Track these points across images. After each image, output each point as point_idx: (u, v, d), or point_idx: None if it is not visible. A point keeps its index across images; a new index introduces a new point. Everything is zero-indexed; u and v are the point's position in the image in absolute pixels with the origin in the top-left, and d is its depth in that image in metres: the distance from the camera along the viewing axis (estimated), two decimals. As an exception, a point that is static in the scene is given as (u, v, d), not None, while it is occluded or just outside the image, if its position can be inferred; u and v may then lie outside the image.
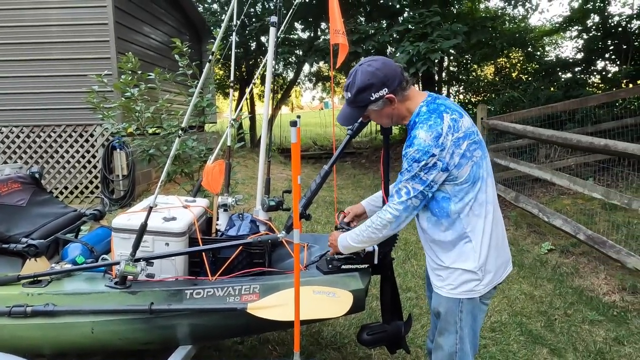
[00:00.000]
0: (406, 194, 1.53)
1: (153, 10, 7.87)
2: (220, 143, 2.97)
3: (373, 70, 1.53)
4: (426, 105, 1.56)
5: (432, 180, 1.50)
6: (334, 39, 3.22)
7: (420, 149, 1.47)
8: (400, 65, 1.59)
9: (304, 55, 10.33)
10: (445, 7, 10.09)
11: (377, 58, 1.58)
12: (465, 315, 1.64)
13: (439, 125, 1.48)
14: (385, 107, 1.57)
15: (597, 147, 3.48)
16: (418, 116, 1.55)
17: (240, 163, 7.60)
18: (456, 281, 1.62)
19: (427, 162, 1.46)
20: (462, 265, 1.60)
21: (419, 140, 1.48)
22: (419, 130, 1.49)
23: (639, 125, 5.85)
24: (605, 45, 9.43)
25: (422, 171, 1.48)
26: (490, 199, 1.61)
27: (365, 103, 1.56)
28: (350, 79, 1.57)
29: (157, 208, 2.33)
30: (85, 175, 6.60)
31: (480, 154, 1.57)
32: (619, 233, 4.15)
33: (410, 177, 1.51)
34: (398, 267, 3.95)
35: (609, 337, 2.81)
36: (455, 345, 1.67)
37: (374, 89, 1.52)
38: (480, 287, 1.61)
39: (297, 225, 1.62)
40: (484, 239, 1.59)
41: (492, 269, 1.62)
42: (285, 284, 1.95)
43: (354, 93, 1.56)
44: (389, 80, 1.52)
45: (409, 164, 1.50)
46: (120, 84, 3.98)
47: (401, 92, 1.56)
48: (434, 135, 1.47)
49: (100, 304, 1.96)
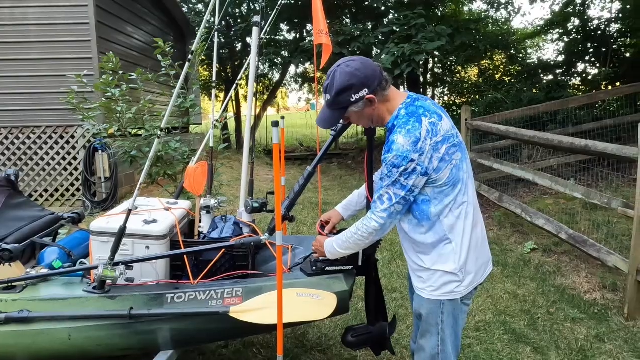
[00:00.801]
0: (388, 199, 1.51)
1: (136, 9, 7.75)
2: (203, 144, 2.94)
3: (352, 71, 1.49)
4: (405, 108, 1.54)
5: (413, 185, 1.49)
6: (317, 40, 3.22)
7: (398, 155, 1.45)
8: (379, 65, 1.56)
9: (290, 57, 10.29)
10: (430, 10, 10.18)
11: (355, 58, 1.54)
12: (446, 317, 1.64)
13: (417, 130, 1.46)
14: (365, 108, 1.54)
15: (578, 148, 3.53)
16: (397, 119, 1.53)
17: (225, 164, 7.53)
18: (437, 283, 1.61)
19: (407, 167, 1.45)
20: (443, 267, 1.60)
21: (397, 146, 1.46)
22: (397, 135, 1.48)
23: (618, 126, 5.99)
24: (586, 48, 9.64)
25: (402, 176, 1.47)
26: (471, 200, 1.60)
27: (345, 105, 1.53)
28: (328, 80, 1.53)
29: (137, 210, 2.28)
30: (66, 177, 6.46)
31: (460, 156, 1.56)
32: (600, 232, 4.22)
33: (391, 183, 1.49)
34: (384, 268, 3.95)
35: (590, 334, 2.85)
36: (437, 347, 1.67)
37: (354, 90, 1.49)
38: (461, 289, 1.62)
39: (279, 227, 1.60)
40: (464, 241, 1.59)
41: (472, 270, 1.63)
42: (269, 287, 1.93)
43: (333, 95, 1.51)
44: (369, 81, 1.49)
45: (389, 169, 1.49)
46: (101, 84, 3.91)
47: (381, 93, 1.53)
48: (412, 140, 1.45)
49: (77, 309, 1.90)
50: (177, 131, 4.67)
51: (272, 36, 11.38)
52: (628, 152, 2.98)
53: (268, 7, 3.58)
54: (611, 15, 9.88)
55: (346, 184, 8.18)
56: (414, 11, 8.06)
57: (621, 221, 4.40)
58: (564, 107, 6.14)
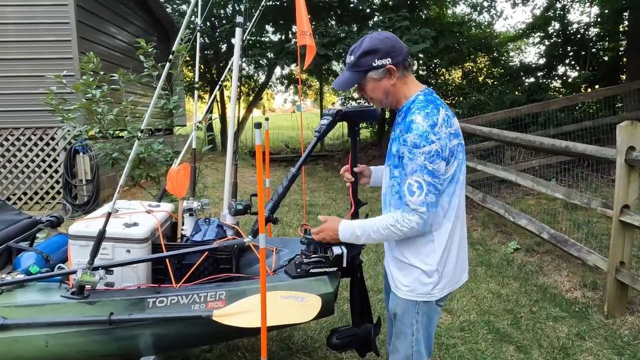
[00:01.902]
0: (419, 188, 1.43)
1: (118, 9, 7.64)
2: (186, 146, 2.90)
3: (383, 38, 1.52)
4: (424, 95, 1.55)
5: (439, 171, 1.44)
6: (301, 41, 3.21)
7: (419, 134, 1.42)
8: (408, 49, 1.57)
9: (275, 58, 10.27)
10: (414, 12, 10.28)
11: (388, 32, 1.58)
12: (421, 317, 1.62)
13: (435, 115, 1.46)
14: (384, 78, 1.54)
15: (559, 149, 3.60)
16: (414, 103, 1.53)
17: (210, 166, 7.46)
18: (414, 283, 1.60)
19: (430, 149, 1.41)
20: (421, 265, 1.58)
21: (416, 125, 1.43)
22: (415, 115, 1.46)
23: (597, 128, 6.13)
24: (566, 51, 9.84)
25: (427, 160, 1.42)
26: (461, 205, 1.60)
27: (366, 68, 1.52)
28: (357, 43, 1.55)
29: (118, 213, 2.24)
30: (45, 180, 6.32)
31: (463, 157, 1.57)
32: (580, 231, 4.31)
33: (418, 168, 1.43)
34: (370, 269, 3.96)
35: (571, 332, 2.90)
36: (412, 348, 1.65)
37: (379, 55, 1.50)
38: (436, 291, 1.60)
39: (262, 229, 1.59)
40: (447, 243, 1.57)
41: (449, 273, 1.61)
42: (253, 290, 1.91)
43: (357, 55, 1.52)
44: (395, 52, 1.51)
45: (410, 150, 1.44)
46: (81, 85, 3.83)
47: (402, 70, 1.54)
48: (430, 122, 1.44)
49: (55, 315, 1.85)
50: (160, 132, 4.60)
51: (257, 37, 11.35)
52: (607, 153, 3.05)
53: (252, 8, 3.56)
54: (590, 19, 10.14)
55: (332, 186, 8.18)
56: (399, 14, 8.13)
57: (601, 220, 4.49)
58: (545, 109, 6.26)
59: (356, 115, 1.85)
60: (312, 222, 5.63)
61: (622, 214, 2.89)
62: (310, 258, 1.96)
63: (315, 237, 1.76)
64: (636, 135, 2.85)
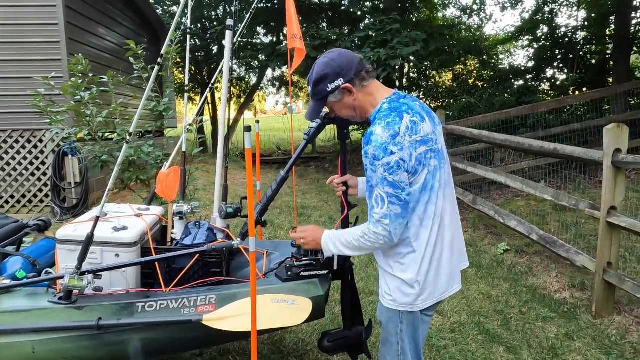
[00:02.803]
0: (381, 201, 1.44)
1: (108, 11, 7.58)
2: (176, 149, 2.88)
3: (327, 61, 1.53)
4: (388, 103, 1.52)
5: (401, 182, 1.43)
6: (291, 44, 3.22)
7: (377, 146, 1.41)
8: (360, 57, 1.56)
9: (267, 60, 10.26)
10: (405, 15, 10.34)
11: (334, 50, 1.57)
12: (405, 326, 1.60)
13: (397, 124, 1.43)
14: (344, 97, 1.54)
15: (547, 151, 3.64)
16: (378, 112, 1.51)
17: (201, 169, 7.42)
18: (395, 293, 1.57)
19: (389, 160, 1.40)
20: (402, 275, 1.55)
21: (375, 137, 1.42)
22: (375, 127, 1.45)
23: (584, 130, 6.21)
24: (554, 55, 9.97)
25: (387, 172, 1.41)
26: (439, 213, 1.54)
27: (323, 95, 1.54)
28: (310, 72, 1.57)
29: (107, 217, 2.22)
30: (34, 183, 6.23)
31: (436, 163, 1.52)
32: (569, 233, 4.36)
33: (379, 180, 1.43)
34: (361, 271, 3.96)
35: (560, 333, 2.93)
36: (397, 357, 1.63)
37: (329, 80, 1.51)
38: (419, 302, 1.56)
39: (252, 233, 1.58)
40: (427, 252, 1.53)
41: (431, 283, 1.56)
42: (243, 293, 1.90)
43: (311, 86, 1.56)
44: (343, 70, 1.50)
45: (371, 162, 1.44)
46: (69, 87, 3.79)
47: (360, 83, 1.53)
48: (390, 133, 1.42)
49: (42, 321, 1.83)
50: (151, 135, 4.56)
51: (248, 39, 11.33)
52: (594, 155, 3.09)
53: (244, 10, 3.55)
54: (577, 23, 10.28)
55: (324, 188, 8.18)
56: (389, 16, 8.17)
57: (589, 222, 4.55)
58: (534, 111, 6.33)
59: (346, 118, 1.85)
60: (303, 224, 5.62)
61: (609, 215, 2.93)
62: (301, 261, 1.96)
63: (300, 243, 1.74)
64: (622, 137, 2.89)
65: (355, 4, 10.35)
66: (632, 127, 5.37)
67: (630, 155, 2.82)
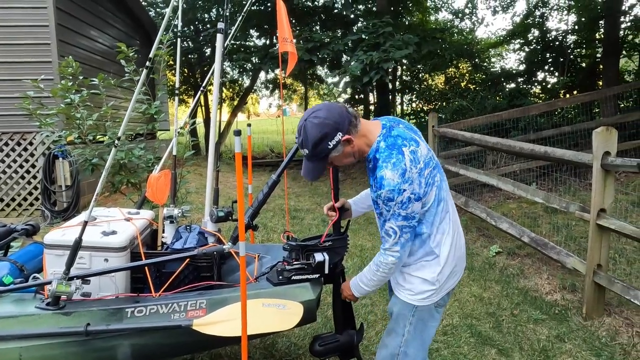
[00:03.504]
0: (393, 233, 1.55)
1: (100, 13, 7.53)
2: (167, 152, 2.86)
3: (321, 121, 1.51)
4: (384, 140, 1.56)
5: (412, 212, 1.53)
6: (282, 47, 3.21)
7: (391, 189, 1.48)
8: (343, 105, 1.59)
9: (260, 63, 10.25)
10: (397, 19, 10.39)
11: (319, 107, 1.56)
12: (415, 321, 1.70)
13: (402, 161, 1.50)
14: (345, 149, 1.57)
15: (538, 154, 3.66)
16: (378, 152, 1.55)
17: (193, 172, 7.38)
18: (416, 289, 1.68)
19: (402, 198, 1.48)
20: (422, 274, 1.67)
21: (387, 181, 1.48)
22: (384, 171, 1.50)
23: (575, 132, 6.26)
24: (545, 58, 10.06)
25: (400, 208, 1.50)
26: (451, 216, 1.68)
27: (325, 153, 1.55)
28: (301, 136, 1.55)
29: (97, 221, 2.20)
30: (23, 186, 6.16)
31: (439, 176, 1.63)
32: (559, 235, 4.39)
33: (393, 216, 1.52)
34: (353, 274, 3.93)
35: (551, 334, 2.94)
36: (399, 347, 1.72)
37: (329, 137, 1.51)
38: (436, 297, 1.69)
39: (242, 237, 1.57)
40: (446, 253, 1.66)
41: (448, 278, 1.70)
42: (234, 298, 1.89)
43: (310, 148, 1.54)
44: (339, 125, 1.52)
45: (385, 204, 1.51)
46: (59, 90, 3.75)
47: (354, 130, 1.56)
48: (399, 172, 1.48)
49: (29, 327, 1.80)
50: (142, 138, 4.53)
51: (241, 42, 11.32)
52: (584, 158, 3.11)
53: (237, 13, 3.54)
54: (567, 27, 10.39)
55: (317, 190, 8.18)
56: (382, 19, 8.21)
57: (579, 224, 4.58)
58: (525, 114, 6.38)
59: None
60: (296, 227, 5.61)
61: (599, 217, 2.96)
62: (293, 265, 1.95)
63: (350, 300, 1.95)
64: (611, 140, 2.92)
65: (348, 7, 10.38)
66: (622, 130, 5.45)
67: (619, 158, 2.85)
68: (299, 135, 1.56)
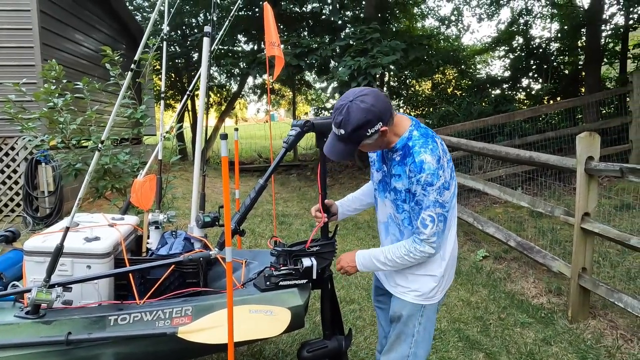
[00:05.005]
0: (431, 221, 1.54)
1: (85, 16, 7.44)
2: (152, 157, 2.82)
3: (368, 107, 1.47)
4: (417, 129, 1.59)
5: (446, 201, 1.54)
6: (269, 52, 3.21)
7: (431, 173, 1.49)
8: (386, 94, 1.61)
9: (247, 68, 10.24)
10: (385, 25, 10.48)
11: (367, 92, 1.51)
12: (424, 320, 1.74)
13: (437, 148, 1.54)
14: (378, 139, 1.55)
15: (523, 159, 3.71)
16: (411, 140, 1.56)
17: (180, 177, 7.31)
18: (422, 288, 1.70)
19: (440, 184, 1.51)
20: (428, 271, 1.70)
21: (427, 165, 1.50)
22: (424, 155, 1.51)
23: (559, 138, 6.37)
24: (529, 65, 10.24)
25: (438, 194, 1.51)
26: (455, 213, 1.73)
27: (360, 139, 1.52)
28: (341, 115, 1.48)
29: (79, 227, 2.15)
30: (4, 192, 6.02)
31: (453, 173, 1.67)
32: (545, 238, 4.44)
33: (431, 203, 1.52)
34: (341, 279, 3.94)
35: (538, 338, 2.96)
36: (409, 349, 1.74)
37: (370, 125, 1.48)
38: (439, 294, 1.74)
39: (228, 242, 1.55)
40: (449, 249, 1.72)
41: (448, 275, 1.76)
42: (220, 304, 1.86)
43: (349, 131, 1.48)
44: (383, 115, 1.49)
45: (424, 188, 1.50)
46: (42, 93, 3.68)
47: (392, 122, 1.55)
48: (436, 158, 1.51)
49: (8, 337, 1.74)
50: (127, 142, 4.47)
51: (229, 47, 11.29)
52: (568, 162, 3.16)
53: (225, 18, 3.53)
54: (551, 35, 10.60)
55: (305, 195, 8.16)
56: (370, 26, 8.27)
57: (564, 228, 4.65)
58: (511, 119, 6.47)
59: (325, 127, 1.84)
60: (284, 232, 5.58)
61: (583, 221, 3.00)
62: (280, 270, 1.93)
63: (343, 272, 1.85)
64: (594, 145, 2.97)
65: (335, 13, 10.44)
66: (604, 136, 5.55)
67: (602, 163, 2.90)
68: (338, 114, 1.49)
